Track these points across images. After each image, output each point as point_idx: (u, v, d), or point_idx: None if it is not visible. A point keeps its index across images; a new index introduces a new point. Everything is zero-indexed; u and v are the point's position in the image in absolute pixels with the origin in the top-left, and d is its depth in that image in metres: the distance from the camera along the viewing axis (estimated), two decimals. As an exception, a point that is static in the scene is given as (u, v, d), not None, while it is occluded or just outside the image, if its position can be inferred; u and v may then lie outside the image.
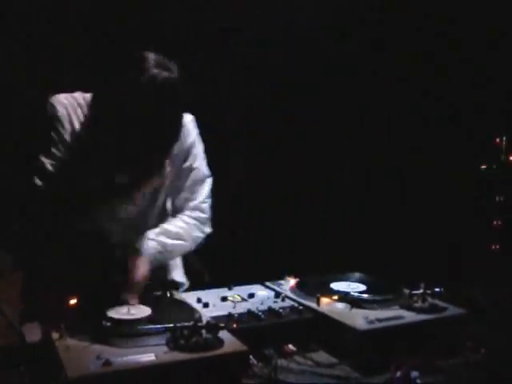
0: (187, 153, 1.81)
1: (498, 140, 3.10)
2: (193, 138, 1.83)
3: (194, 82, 1.61)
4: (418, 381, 1.26)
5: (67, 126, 1.66)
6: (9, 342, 1.49)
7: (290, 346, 1.45)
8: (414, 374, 1.27)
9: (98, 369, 1.09)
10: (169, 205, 1.85)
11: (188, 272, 2.02)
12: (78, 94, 1.72)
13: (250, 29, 2.83)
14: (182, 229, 1.78)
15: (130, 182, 1.70)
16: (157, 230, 1.73)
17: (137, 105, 1.50)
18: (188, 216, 1.82)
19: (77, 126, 1.67)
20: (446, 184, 3.02)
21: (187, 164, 1.81)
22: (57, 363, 1.15)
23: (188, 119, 1.80)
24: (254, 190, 2.87)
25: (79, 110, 1.68)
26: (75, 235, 1.65)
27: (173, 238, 1.75)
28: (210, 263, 2.10)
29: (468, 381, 1.34)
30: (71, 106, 1.68)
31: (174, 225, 1.78)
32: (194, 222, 1.82)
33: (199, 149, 1.85)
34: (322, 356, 1.45)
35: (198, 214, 1.84)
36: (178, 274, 1.97)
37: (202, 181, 1.85)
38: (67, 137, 1.66)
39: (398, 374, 1.28)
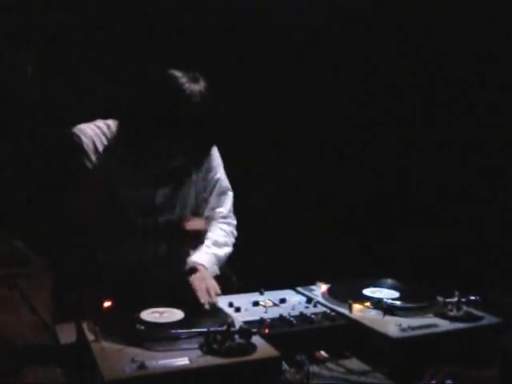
0: (210, 164, 1.91)
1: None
2: (214, 150, 1.92)
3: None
4: (453, 390, 1.24)
5: (93, 157, 1.70)
6: (42, 341, 1.53)
7: (322, 353, 1.44)
8: (449, 382, 1.25)
9: (133, 372, 1.11)
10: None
11: (217, 277, 2.04)
12: (101, 123, 1.76)
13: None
14: (226, 237, 1.92)
15: (169, 195, 1.80)
16: (207, 242, 1.86)
17: (177, 117, 1.58)
18: (223, 223, 1.94)
19: (103, 153, 1.71)
20: (470, 183, 2.93)
21: (212, 174, 1.91)
22: (92, 365, 1.17)
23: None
24: (287, 194, 2.87)
25: (104, 139, 1.73)
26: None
27: (222, 247, 1.88)
28: (241, 268, 2.13)
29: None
30: (96, 136, 1.72)
31: (218, 234, 1.90)
32: (230, 228, 1.95)
33: (220, 161, 1.95)
34: (354, 363, 1.44)
35: (229, 220, 1.96)
36: None
37: (225, 191, 1.96)
38: (92, 167, 1.70)
39: (433, 382, 1.26)
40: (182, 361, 1.17)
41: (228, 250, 1.92)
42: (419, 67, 3.00)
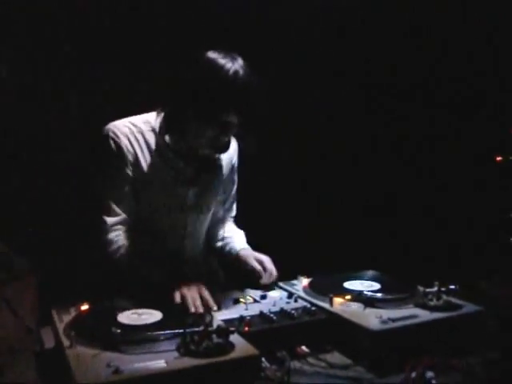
0: (233, 166, 1.97)
1: (512, 130, 3.04)
2: (236, 152, 1.97)
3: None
4: (434, 381, 1.23)
5: (129, 155, 1.71)
6: (25, 345, 1.50)
7: (303, 348, 1.43)
8: (430, 374, 1.25)
9: (108, 377, 1.09)
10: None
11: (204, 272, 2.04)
12: (137, 119, 1.77)
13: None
14: (242, 236, 2.01)
15: (199, 194, 1.84)
16: (241, 236, 1.99)
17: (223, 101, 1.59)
18: (233, 222, 2.06)
19: (138, 151, 1.72)
20: (461, 177, 2.97)
21: (233, 177, 1.99)
22: (68, 371, 1.15)
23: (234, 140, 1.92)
24: (265, 189, 2.86)
25: (140, 136, 1.74)
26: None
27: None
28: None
29: (484, 380, 1.31)
30: (131, 133, 1.73)
31: (238, 233, 2.01)
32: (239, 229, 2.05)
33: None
34: (335, 357, 1.43)
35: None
36: None
37: (235, 195, 2.04)
38: (130, 164, 1.72)
39: (413, 374, 1.25)
40: (159, 363, 1.15)
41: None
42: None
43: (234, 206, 2.06)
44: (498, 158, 3.05)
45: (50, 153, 2.58)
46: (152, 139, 1.75)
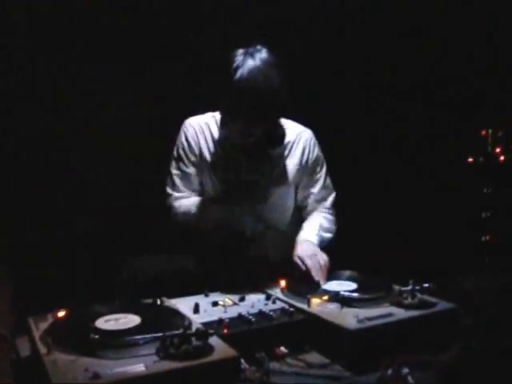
0: (316, 163, 2.12)
1: (484, 132, 3.11)
2: (319, 149, 2.14)
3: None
4: (409, 378, 1.26)
5: (193, 143, 2.04)
6: (1, 354, 1.48)
7: (282, 349, 1.44)
8: (405, 370, 1.27)
9: (86, 382, 1.08)
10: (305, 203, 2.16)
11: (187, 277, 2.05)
12: (208, 115, 2.09)
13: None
14: (330, 224, 2.11)
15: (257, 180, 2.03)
16: (315, 225, 2.05)
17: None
18: (326, 213, 2.14)
19: (203, 141, 2.04)
20: (433, 178, 3.02)
21: (317, 170, 2.13)
22: (45, 378, 1.14)
23: (311, 134, 2.14)
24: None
25: (206, 127, 2.06)
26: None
27: (326, 232, 2.08)
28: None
29: (458, 375, 1.34)
30: (199, 126, 2.06)
31: (323, 220, 2.09)
32: (332, 218, 2.15)
33: (323, 158, 2.16)
34: (314, 357, 1.45)
35: (332, 212, 2.16)
36: None
37: (329, 187, 2.17)
38: (193, 152, 2.04)
39: (389, 371, 1.28)
40: (138, 368, 1.15)
41: (330, 235, 2.10)
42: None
43: (328, 199, 2.16)
44: (470, 160, 3.13)
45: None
46: (216, 131, 2.04)
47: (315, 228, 2.04)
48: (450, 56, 3.02)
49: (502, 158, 3.07)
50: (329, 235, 2.09)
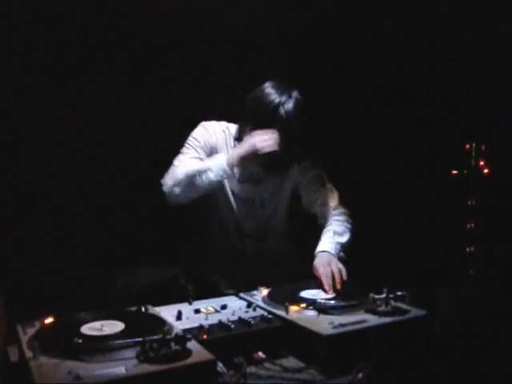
0: (313, 161, 2.23)
1: (468, 146, 3.18)
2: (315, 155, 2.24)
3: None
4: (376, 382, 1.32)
5: (204, 142, 2.15)
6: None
7: (260, 354, 1.50)
8: (374, 375, 1.34)
9: (68, 382, 1.15)
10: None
11: (174, 288, 2.13)
12: (222, 123, 2.23)
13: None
14: (343, 225, 2.14)
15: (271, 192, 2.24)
16: (328, 233, 2.10)
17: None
18: (336, 215, 2.17)
19: (218, 143, 2.18)
20: (417, 189, 3.07)
21: (314, 173, 2.23)
22: (30, 381, 1.20)
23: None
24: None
25: (221, 131, 2.20)
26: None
27: (342, 235, 2.11)
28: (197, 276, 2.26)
29: (428, 381, 1.41)
30: (218, 128, 2.20)
31: (335, 225, 2.14)
32: (343, 217, 2.18)
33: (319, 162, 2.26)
34: (291, 362, 1.51)
35: (341, 210, 2.20)
36: None
37: (330, 188, 2.24)
38: (203, 148, 2.14)
39: (360, 375, 1.34)
40: (119, 370, 1.21)
41: (348, 236, 2.13)
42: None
43: (332, 198, 2.22)
44: (454, 172, 3.20)
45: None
46: (230, 141, 2.18)
47: (329, 236, 2.08)
48: (435, 69, 3.08)
49: (485, 170, 3.15)
50: (345, 238, 2.11)
